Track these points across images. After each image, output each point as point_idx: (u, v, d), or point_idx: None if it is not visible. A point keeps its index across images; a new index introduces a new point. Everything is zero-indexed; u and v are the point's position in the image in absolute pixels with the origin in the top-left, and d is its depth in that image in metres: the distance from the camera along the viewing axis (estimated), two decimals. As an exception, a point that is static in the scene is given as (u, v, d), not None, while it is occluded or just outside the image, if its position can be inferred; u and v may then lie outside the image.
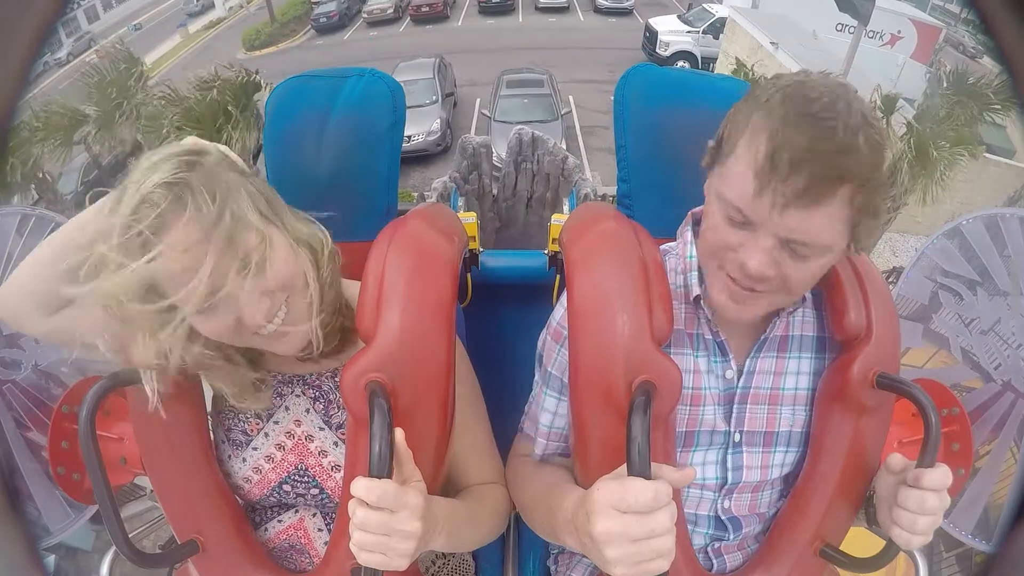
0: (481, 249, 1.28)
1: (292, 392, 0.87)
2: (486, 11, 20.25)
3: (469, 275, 1.22)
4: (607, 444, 0.76)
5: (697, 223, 0.90)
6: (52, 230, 1.59)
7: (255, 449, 0.87)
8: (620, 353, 0.74)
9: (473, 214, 1.34)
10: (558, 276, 1.24)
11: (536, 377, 0.93)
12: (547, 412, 0.89)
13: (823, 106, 0.65)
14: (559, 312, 0.87)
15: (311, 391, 0.87)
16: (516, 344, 1.03)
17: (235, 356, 0.79)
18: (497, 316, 1.29)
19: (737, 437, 0.85)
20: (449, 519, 0.77)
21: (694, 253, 0.84)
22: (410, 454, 0.69)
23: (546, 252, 1.29)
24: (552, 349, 0.87)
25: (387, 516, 0.64)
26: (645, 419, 0.66)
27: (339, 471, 0.86)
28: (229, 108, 7.38)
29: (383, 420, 0.67)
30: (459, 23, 19.86)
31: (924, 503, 0.71)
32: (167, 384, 0.76)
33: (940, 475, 0.71)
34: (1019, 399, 1.52)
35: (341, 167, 1.02)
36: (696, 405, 0.84)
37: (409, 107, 1.12)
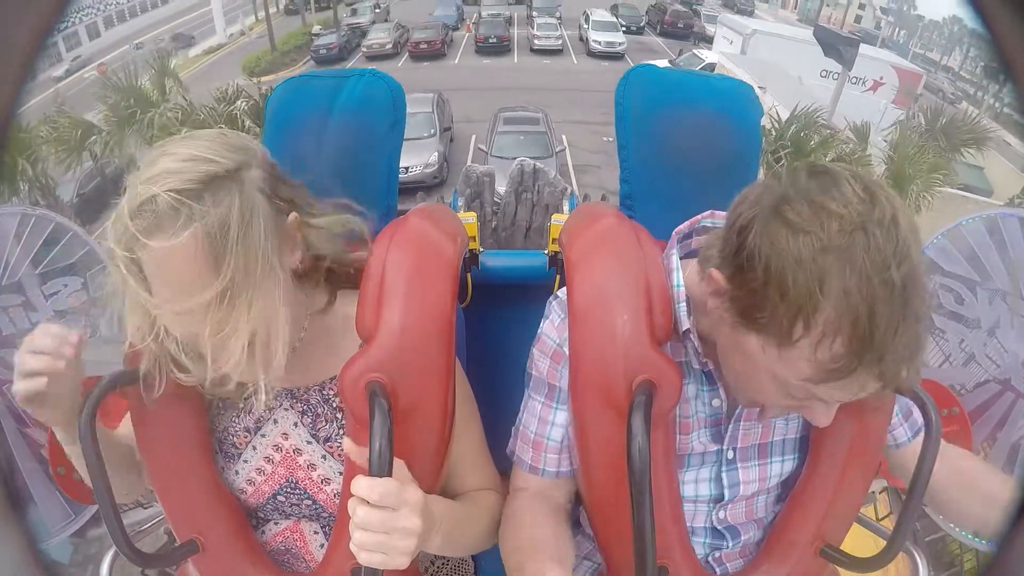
0: (481, 249, 1.28)
1: (280, 406, 0.87)
2: (483, 51, 20.65)
3: (469, 275, 1.22)
4: (607, 444, 0.76)
5: (684, 239, 0.86)
6: (52, 230, 1.60)
7: (246, 462, 0.87)
8: (620, 353, 0.74)
9: (473, 214, 1.34)
10: (558, 276, 1.24)
11: (538, 399, 0.88)
12: (558, 427, 0.87)
13: (904, 279, 0.58)
14: (554, 334, 0.85)
15: (299, 405, 0.86)
16: (516, 344, 1.02)
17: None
18: (497, 316, 1.29)
19: (731, 454, 0.84)
20: (446, 518, 0.77)
21: (681, 282, 0.80)
22: (403, 463, 0.70)
23: (546, 252, 1.29)
24: (555, 368, 0.85)
25: (388, 514, 0.65)
26: (646, 418, 0.66)
27: (329, 484, 0.86)
28: (247, 123, 7.48)
29: (383, 420, 0.67)
30: (456, 61, 20.29)
31: None
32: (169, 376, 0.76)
33: None
34: (1019, 399, 1.52)
35: (341, 167, 1.02)
36: (685, 433, 0.82)
37: (407, 139, 1.11)
